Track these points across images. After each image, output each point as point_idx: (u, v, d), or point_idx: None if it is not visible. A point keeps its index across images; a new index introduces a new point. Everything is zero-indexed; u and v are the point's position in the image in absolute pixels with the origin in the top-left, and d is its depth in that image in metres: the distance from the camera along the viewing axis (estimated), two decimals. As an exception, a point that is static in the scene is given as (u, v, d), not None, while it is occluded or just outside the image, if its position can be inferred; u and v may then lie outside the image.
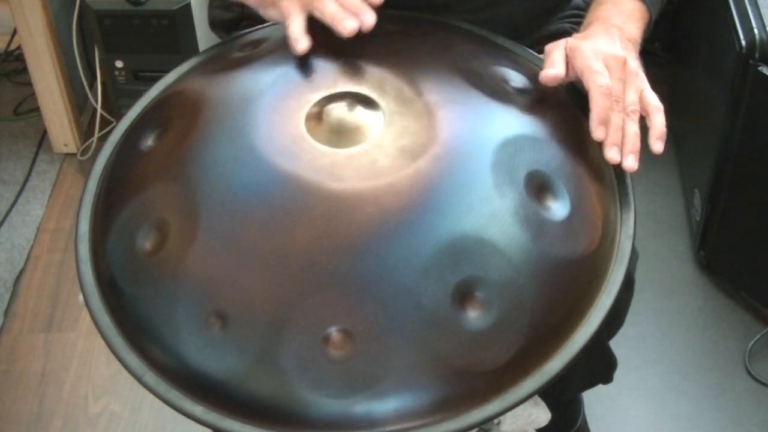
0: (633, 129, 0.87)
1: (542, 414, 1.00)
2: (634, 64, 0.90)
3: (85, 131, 2.12)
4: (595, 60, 0.88)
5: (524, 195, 0.80)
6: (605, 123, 0.86)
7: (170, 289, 0.80)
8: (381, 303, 0.75)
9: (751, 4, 1.52)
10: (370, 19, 0.89)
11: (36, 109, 2.09)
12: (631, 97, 0.88)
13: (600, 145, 0.86)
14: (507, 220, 0.78)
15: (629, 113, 0.87)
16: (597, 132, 0.86)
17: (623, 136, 0.86)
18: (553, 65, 0.90)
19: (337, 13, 0.89)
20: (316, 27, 0.94)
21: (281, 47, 0.92)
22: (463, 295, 0.76)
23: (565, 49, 0.91)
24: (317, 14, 0.90)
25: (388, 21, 0.98)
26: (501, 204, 0.79)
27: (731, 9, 1.55)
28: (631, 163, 0.85)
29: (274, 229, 0.78)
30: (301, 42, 0.89)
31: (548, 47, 0.92)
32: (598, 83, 0.86)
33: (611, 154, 0.85)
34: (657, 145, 0.86)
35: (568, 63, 0.90)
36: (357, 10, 0.89)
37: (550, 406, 1.01)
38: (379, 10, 0.90)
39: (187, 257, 0.79)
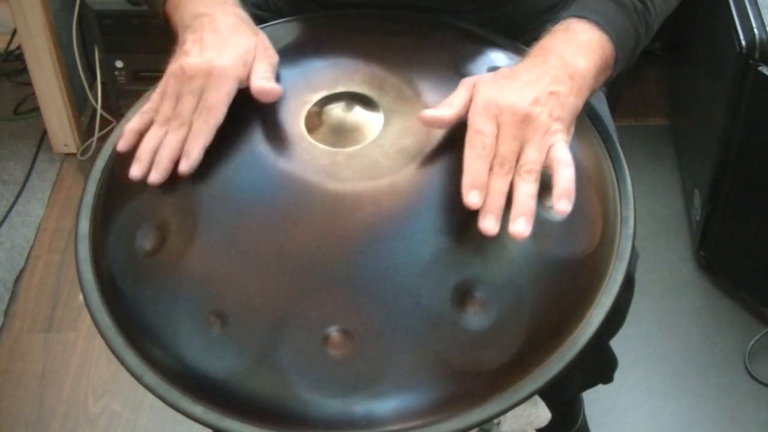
0: (525, 190, 0.76)
1: (542, 414, 1.00)
2: (543, 118, 0.79)
3: (85, 131, 2.12)
4: (483, 115, 0.79)
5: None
6: (477, 188, 0.76)
7: (170, 289, 0.80)
8: (381, 303, 0.75)
9: (751, 4, 1.52)
10: (155, 177, 0.82)
11: (36, 109, 2.09)
12: (530, 156, 0.78)
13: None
14: (507, 219, 0.78)
15: (523, 174, 0.77)
16: (467, 198, 0.76)
17: (513, 200, 0.76)
18: (444, 104, 0.82)
19: (142, 152, 0.84)
20: (317, 30, 0.95)
21: (281, 48, 0.92)
22: (462, 295, 0.76)
23: (472, 90, 0.82)
24: (149, 132, 0.85)
25: (387, 21, 0.98)
26: (501, 204, 0.79)
27: (731, 9, 1.55)
28: (518, 227, 0.75)
29: (274, 229, 0.78)
30: (136, 169, 0.83)
31: (463, 81, 0.84)
32: (473, 144, 0.78)
33: (484, 224, 0.75)
34: (561, 204, 0.76)
35: None
36: (163, 158, 0.83)
37: (550, 406, 1.01)
38: (378, 10, 0.89)
39: (187, 257, 0.79)
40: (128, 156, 0.91)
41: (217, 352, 0.77)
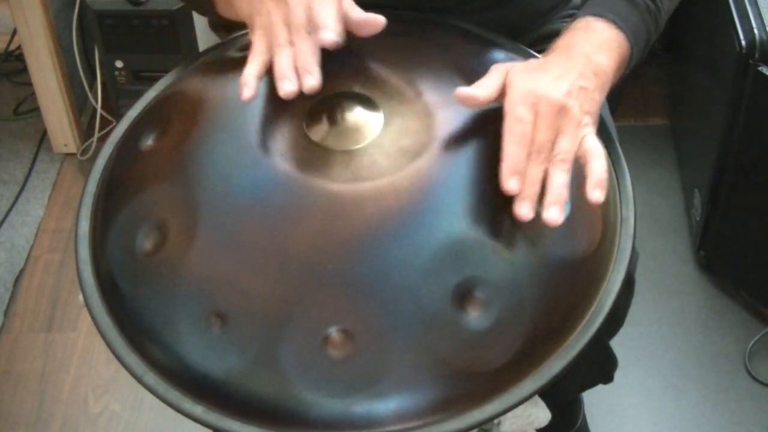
0: (559, 179, 0.78)
1: (542, 414, 1.00)
2: (576, 110, 0.81)
3: (85, 131, 2.12)
4: (522, 104, 0.80)
5: (524, 195, 0.80)
6: (517, 174, 0.78)
7: (170, 289, 0.80)
8: (381, 303, 0.75)
9: (751, 4, 1.52)
10: (310, 82, 0.81)
11: (36, 109, 2.09)
12: (564, 146, 0.80)
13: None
14: (506, 219, 0.78)
15: (557, 162, 0.79)
16: (507, 184, 0.78)
17: (548, 188, 0.78)
18: (478, 85, 0.83)
19: (283, 70, 0.82)
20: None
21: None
22: (463, 295, 0.76)
23: (505, 77, 0.84)
24: (274, 60, 0.84)
25: (388, 21, 0.98)
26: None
27: (731, 9, 1.55)
28: (552, 214, 0.77)
29: (274, 229, 0.78)
30: (246, 90, 0.82)
31: (492, 67, 0.86)
32: (513, 131, 0.79)
33: (520, 210, 0.77)
34: (595, 194, 0.78)
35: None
36: (303, 70, 0.82)
37: (550, 406, 1.01)
38: (378, 10, 0.89)
39: (187, 257, 0.79)
40: (127, 156, 0.91)
41: (218, 352, 0.77)
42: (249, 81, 0.82)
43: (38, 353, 1.67)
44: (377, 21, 0.85)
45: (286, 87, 0.81)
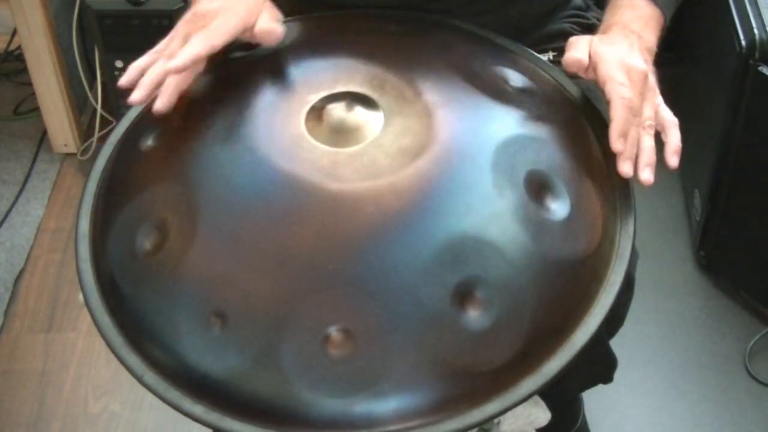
0: (648, 143, 0.86)
1: (542, 414, 1.00)
2: (653, 79, 0.89)
3: (85, 131, 2.12)
4: (619, 71, 0.87)
5: (524, 195, 0.80)
6: (624, 136, 0.85)
7: (170, 289, 0.80)
8: (381, 303, 0.75)
9: (751, 4, 1.52)
10: (157, 105, 0.87)
11: (36, 109, 2.09)
12: (648, 112, 0.87)
13: (610, 155, 0.86)
14: (507, 220, 0.79)
15: (645, 128, 0.87)
16: (616, 144, 0.85)
17: (639, 150, 0.86)
18: (578, 52, 0.90)
19: (144, 79, 0.88)
20: (318, 30, 0.94)
21: (281, 47, 0.92)
22: (463, 295, 0.76)
23: (590, 46, 0.90)
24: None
25: (388, 21, 0.98)
26: (501, 204, 0.79)
27: (731, 9, 1.55)
28: (647, 175, 0.85)
29: (274, 229, 0.78)
30: (124, 78, 0.90)
31: (573, 39, 0.92)
32: (621, 95, 0.86)
33: (625, 168, 0.85)
34: (673, 160, 0.86)
35: (590, 65, 0.90)
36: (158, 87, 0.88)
37: (550, 406, 1.01)
38: (379, 10, 0.90)
39: (187, 257, 0.79)
40: (127, 156, 0.91)
41: (218, 352, 0.77)
42: (133, 73, 0.89)
43: (38, 353, 1.67)
44: (277, 30, 0.90)
45: (133, 96, 0.87)
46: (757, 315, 1.69)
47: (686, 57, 1.97)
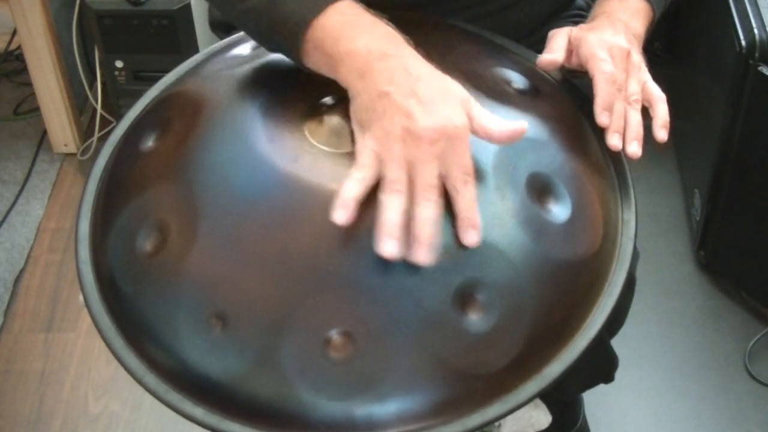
0: (635, 117, 0.88)
1: (542, 416, 1.00)
2: (637, 57, 0.91)
3: (85, 131, 2.12)
4: (600, 48, 0.89)
5: (525, 197, 0.80)
6: (609, 109, 0.87)
7: (170, 290, 0.79)
8: (382, 305, 0.75)
9: (751, 4, 1.52)
10: (422, 258, 0.73)
11: (36, 109, 2.09)
12: (633, 87, 0.89)
13: (603, 132, 0.88)
14: (508, 222, 0.78)
15: (631, 102, 0.88)
16: (601, 117, 0.86)
17: (626, 124, 0.87)
18: (552, 51, 0.92)
19: (391, 226, 0.72)
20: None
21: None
22: (464, 297, 0.76)
23: (569, 37, 0.92)
24: (382, 198, 0.74)
25: (388, 22, 0.98)
26: (502, 206, 0.79)
27: (731, 9, 1.55)
28: (634, 148, 0.87)
29: (275, 231, 0.78)
30: (341, 212, 0.73)
31: (551, 33, 0.94)
32: (603, 69, 0.88)
33: (613, 141, 0.86)
34: (661, 133, 0.88)
35: (572, 51, 0.92)
36: (418, 239, 0.72)
37: (551, 407, 1.01)
38: (378, 10, 0.89)
39: (188, 258, 0.79)
40: (127, 156, 0.90)
41: (218, 354, 0.77)
42: (348, 204, 0.73)
43: (38, 353, 1.67)
44: (522, 127, 0.78)
45: (388, 248, 0.72)
46: (757, 315, 1.69)
47: (686, 57, 1.97)
